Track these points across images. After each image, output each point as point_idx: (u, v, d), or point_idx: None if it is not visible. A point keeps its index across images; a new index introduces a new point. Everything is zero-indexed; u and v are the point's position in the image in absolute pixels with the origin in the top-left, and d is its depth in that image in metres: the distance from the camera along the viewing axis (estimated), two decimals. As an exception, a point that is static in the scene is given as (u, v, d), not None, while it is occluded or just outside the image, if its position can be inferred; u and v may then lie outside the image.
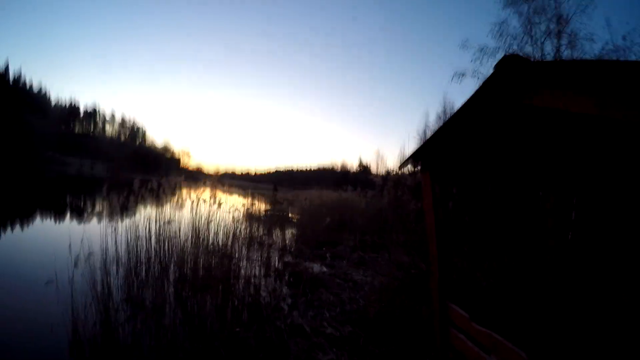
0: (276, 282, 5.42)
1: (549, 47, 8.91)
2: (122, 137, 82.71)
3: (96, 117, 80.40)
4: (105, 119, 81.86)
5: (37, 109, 60.66)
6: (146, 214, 4.64)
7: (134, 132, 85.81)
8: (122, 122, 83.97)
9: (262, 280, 5.38)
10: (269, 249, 7.24)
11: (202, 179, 6.99)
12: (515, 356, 1.62)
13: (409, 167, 2.52)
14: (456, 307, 2.18)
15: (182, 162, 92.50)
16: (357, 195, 10.65)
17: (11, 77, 60.08)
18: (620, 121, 1.29)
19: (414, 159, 2.42)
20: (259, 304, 4.04)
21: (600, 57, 7.14)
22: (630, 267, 2.13)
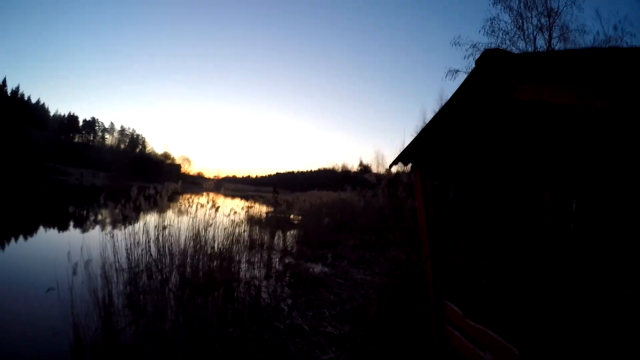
0: (277, 283, 5.44)
1: (541, 41, 8.91)
2: (122, 145, 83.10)
3: (95, 127, 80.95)
4: (104, 129, 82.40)
5: (36, 121, 61.34)
6: (145, 221, 4.67)
7: (134, 141, 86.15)
8: (122, 131, 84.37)
9: (263, 282, 5.39)
10: (270, 251, 7.26)
11: (202, 184, 6.99)
12: (508, 353, 1.63)
13: (409, 166, 2.52)
14: (451, 304, 2.19)
15: (183, 169, 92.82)
16: (357, 195, 10.66)
17: (9, 91, 60.75)
18: (602, 110, 1.29)
19: (403, 157, 2.42)
20: (259, 306, 4.05)
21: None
22: (623, 263, 2.13)
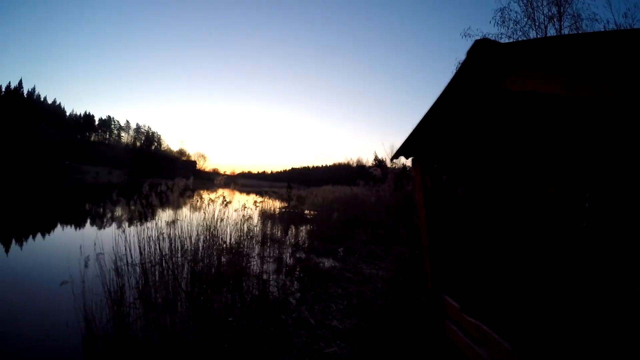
0: (286, 277, 5.53)
1: (553, 30, 8.54)
2: (138, 143, 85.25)
3: (111, 126, 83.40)
4: (120, 127, 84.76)
5: (52, 121, 63.48)
6: (157, 216, 4.85)
7: (149, 138, 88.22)
8: (137, 129, 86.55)
9: (273, 276, 5.50)
10: (281, 246, 7.37)
11: (215, 180, 7.12)
12: (501, 348, 1.61)
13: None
14: (449, 299, 2.17)
15: (199, 165, 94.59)
16: (369, 189, 10.62)
17: (25, 92, 63.17)
18: (591, 99, 1.24)
19: (403, 150, 2.40)
20: (267, 299, 4.13)
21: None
22: (632, 260, 2.05)
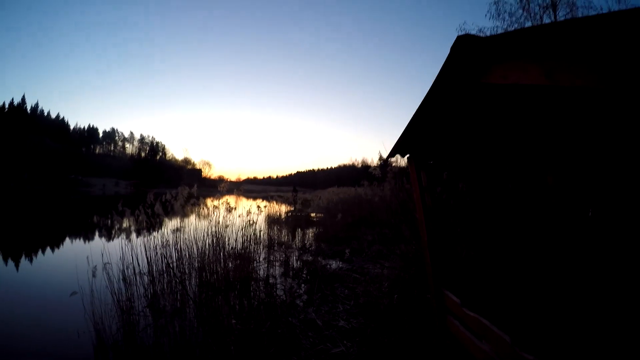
0: (293, 280, 5.56)
1: (548, 20, 8.50)
2: (142, 153, 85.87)
3: (115, 137, 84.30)
4: (124, 138, 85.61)
5: (56, 135, 64.13)
6: (163, 224, 4.93)
7: (154, 148, 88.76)
8: (142, 140, 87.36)
9: (280, 279, 5.54)
10: (288, 249, 7.41)
11: (221, 187, 7.18)
12: (500, 341, 1.61)
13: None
14: (450, 294, 2.18)
15: (204, 173, 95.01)
16: (372, 189, 10.62)
17: (29, 108, 64.04)
18: (571, 88, 1.26)
19: (398, 148, 2.42)
20: (274, 302, 4.17)
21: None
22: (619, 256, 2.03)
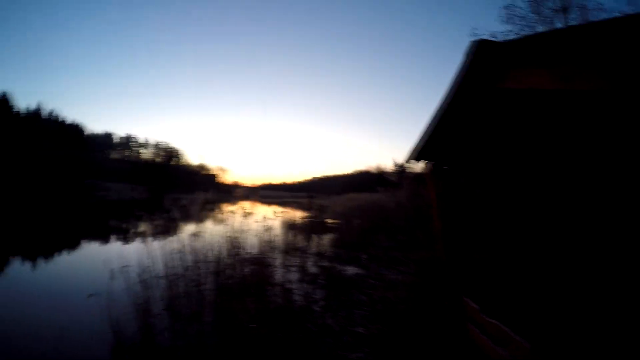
0: (310, 286, 5.57)
1: (559, 24, 8.32)
2: (158, 159, 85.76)
3: (131, 143, 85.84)
4: (140, 144, 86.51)
5: (72, 141, 64.54)
6: (181, 228, 5.07)
7: (169, 154, 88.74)
8: (157, 145, 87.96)
9: (296, 284, 5.56)
10: (304, 255, 7.44)
11: (236, 192, 7.30)
12: (520, 347, 1.58)
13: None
14: (469, 300, 2.15)
15: (219, 178, 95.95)
16: (388, 195, 10.54)
17: (46, 114, 65.77)
18: (586, 92, 1.25)
19: (415, 154, 2.43)
20: (291, 307, 4.19)
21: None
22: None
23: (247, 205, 6.47)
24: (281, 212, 8.44)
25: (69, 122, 70.72)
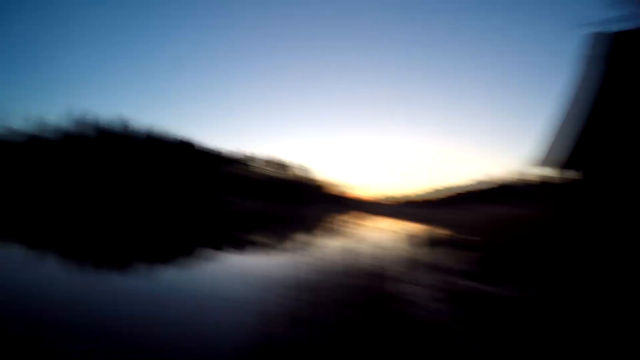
0: (447, 304, 5.20)
1: None
2: (280, 174, 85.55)
3: (249, 159, 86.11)
4: (257, 159, 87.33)
5: (199, 159, 68.69)
6: (307, 241, 5.40)
7: (291, 170, 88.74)
8: (277, 161, 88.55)
9: (430, 302, 5.30)
10: (444, 273, 6.98)
11: (357, 206, 7.43)
12: None
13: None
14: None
15: (342, 192, 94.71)
16: (529, 209, 8.76)
17: (188, 140, 70.19)
18: None
19: (567, 159, 2.13)
20: (421, 325, 4.03)
21: None
22: None
23: (369, 218, 6.60)
24: (408, 226, 8.24)
25: (183, 139, 70.79)
